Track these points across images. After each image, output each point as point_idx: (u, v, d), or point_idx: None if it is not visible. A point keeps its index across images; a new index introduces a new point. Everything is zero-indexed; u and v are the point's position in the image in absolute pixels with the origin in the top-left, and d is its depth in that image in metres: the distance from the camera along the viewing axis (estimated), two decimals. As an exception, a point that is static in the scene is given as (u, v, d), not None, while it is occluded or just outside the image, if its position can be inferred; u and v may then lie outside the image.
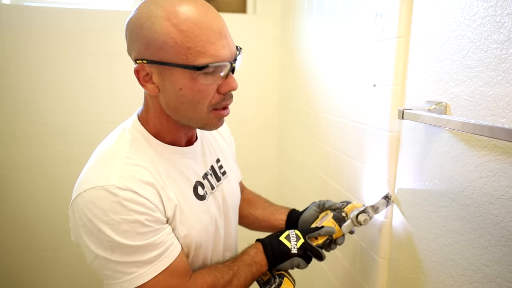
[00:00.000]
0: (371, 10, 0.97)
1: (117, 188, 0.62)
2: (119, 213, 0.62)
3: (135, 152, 0.69)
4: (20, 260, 1.86)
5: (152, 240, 0.65)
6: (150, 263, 0.65)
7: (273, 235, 0.83)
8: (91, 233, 0.63)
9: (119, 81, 1.80)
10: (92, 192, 0.62)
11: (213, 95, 0.67)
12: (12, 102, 1.72)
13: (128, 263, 0.63)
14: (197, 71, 0.62)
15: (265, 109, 2.02)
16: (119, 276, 0.64)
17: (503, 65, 0.58)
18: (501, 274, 0.60)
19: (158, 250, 0.65)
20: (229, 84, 0.67)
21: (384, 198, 0.88)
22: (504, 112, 0.58)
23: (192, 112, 0.68)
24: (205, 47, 0.61)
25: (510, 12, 0.56)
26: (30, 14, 1.67)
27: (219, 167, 0.88)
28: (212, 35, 0.62)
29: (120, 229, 0.62)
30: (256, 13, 1.93)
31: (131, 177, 0.65)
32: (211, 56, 0.62)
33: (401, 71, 0.86)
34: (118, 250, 0.63)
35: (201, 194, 0.77)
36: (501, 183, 0.59)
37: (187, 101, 0.66)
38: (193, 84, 0.64)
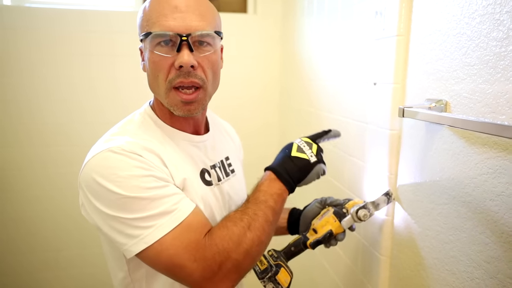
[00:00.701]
0: (371, 9, 0.97)
1: (122, 150, 0.65)
2: (125, 170, 0.63)
3: (144, 131, 0.73)
4: (24, 261, 1.87)
5: (164, 191, 0.65)
6: (169, 213, 0.64)
7: (280, 156, 0.78)
8: (100, 196, 0.64)
9: (122, 82, 1.81)
10: (99, 155, 0.65)
11: (170, 70, 0.68)
12: (15, 103, 1.73)
13: (146, 217, 0.63)
14: (150, 40, 0.68)
15: (266, 108, 2.03)
16: (140, 232, 0.62)
17: (502, 62, 0.58)
18: (502, 270, 0.60)
19: (173, 200, 0.65)
20: (179, 58, 0.67)
21: (385, 195, 0.88)
22: (504, 109, 0.58)
23: (157, 87, 0.71)
24: (158, 18, 0.67)
25: (509, 10, 0.57)
26: (32, 15, 1.68)
27: (228, 164, 0.88)
28: (166, 8, 0.67)
29: (129, 184, 0.62)
30: (256, 13, 1.93)
31: (136, 143, 0.67)
32: (160, 26, 0.67)
33: (402, 69, 0.86)
34: (131, 205, 0.62)
35: (208, 180, 0.77)
36: (501, 180, 0.59)
37: (150, 74, 0.71)
38: (151, 55, 0.69)
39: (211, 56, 0.70)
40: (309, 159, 0.75)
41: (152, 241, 0.62)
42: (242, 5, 1.99)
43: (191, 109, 0.71)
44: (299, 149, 0.75)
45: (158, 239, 0.62)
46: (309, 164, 0.75)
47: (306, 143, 0.77)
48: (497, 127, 0.53)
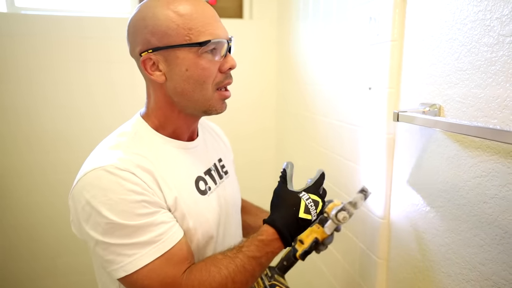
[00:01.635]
0: (365, 15, 0.99)
1: (116, 168, 0.64)
2: (117, 193, 0.63)
3: (136, 144, 0.72)
4: (24, 268, 1.86)
5: (152, 220, 0.64)
6: (151, 244, 0.64)
7: (289, 214, 0.72)
8: (90, 217, 0.64)
9: (119, 88, 1.81)
10: (91, 173, 0.65)
11: (216, 74, 0.72)
12: (13, 110, 1.73)
13: (129, 245, 0.63)
14: (200, 48, 0.68)
15: (263, 112, 2.04)
16: (121, 260, 0.63)
17: (493, 67, 0.60)
18: (497, 272, 0.61)
19: (158, 230, 0.65)
20: (229, 62, 0.73)
21: (361, 192, 0.88)
22: (495, 113, 0.59)
23: (198, 93, 0.71)
24: (204, 27, 0.69)
25: (498, 16, 0.58)
26: (28, 22, 1.69)
27: (221, 166, 0.89)
28: (208, 17, 0.70)
29: (118, 209, 0.63)
30: (252, 18, 1.95)
31: (130, 161, 0.67)
32: (210, 34, 0.69)
33: (396, 74, 0.87)
34: (117, 231, 0.63)
35: (203, 189, 0.78)
36: (494, 183, 0.60)
37: (193, 81, 0.70)
38: (198, 63, 0.69)
39: None
40: (311, 219, 0.73)
41: (131, 270, 0.63)
42: (238, 11, 2.01)
43: (226, 105, 0.77)
44: (307, 210, 0.72)
45: (137, 269, 0.63)
46: (310, 223, 0.74)
47: (314, 202, 0.73)
48: (489, 131, 0.54)
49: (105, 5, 1.88)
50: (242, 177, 1.10)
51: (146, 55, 0.69)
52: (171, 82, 0.71)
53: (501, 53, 0.58)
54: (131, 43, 0.72)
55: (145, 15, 0.69)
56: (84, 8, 1.85)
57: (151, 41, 0.68)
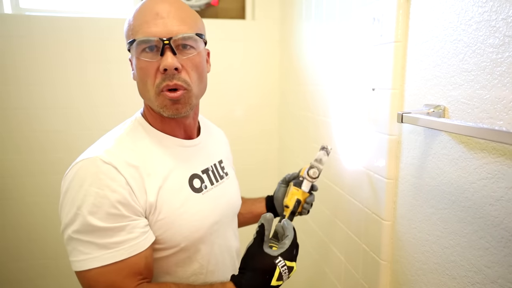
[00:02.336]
0: (368, 15, 0.98)
1: (100, 161, 0.66)
2: (93, 185, 0.64)
3: (130, 139, 0.74)
4: (25, 268, 1.87)
5: (116, 226, 0.65)
6: (106, 249, 0.64)
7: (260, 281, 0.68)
8: (66, 204, 0.66)
9: (118, 88, 1.82)
10: (79, 164, 0.67)
11: (156, 74, 0.70)
12: (13, 111, 1.74)
13: (85, 242, 0.64)
14: (135, 47, 0.69)
15: (266, 113, 2.04)
16: (76, 254, 0.65)
17: (499, 68, 0.59)
18: (503, 275, 0.60)
19: (118, 238, 0.64)
20: (162, 62, 0.68)
21: (322, 149, 1.00)
22: (501, 114, 0.59)
23: (146, 93, 0.72)
24: (140, 26, 0.69)
25: (504, 17, 0.58)
26: (32, 23, 1.69)
27: (222, 167, 0.89)
28: (148, 15, 0.69)
29: (89, 201, 0.63)
30: (255, 19, 1.94)
31: (117, 156, 0.68)
32: (142, 32, 0.69)
33: (400, 75, 0.87)
34: (80, 225, 0.64)
35: (197, 187, 0.78)
36: (500, 185, 0.60)
37: (139, 81, 0.73)
38: (138, 62, 0.71)
39: (195, 58, 0.72)
40: (282, 283, 0.70)
41: (80, 268, 0.64)
42: (240, 12, 2.01)
43: (178, 108, 0.71)
44: (280, 277, 0.68)
45: (85, 269, 0.64)
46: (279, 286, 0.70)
47: (288, 269, 0.70)
48: (495, 133, 0.54)
49: (107, 6, 1.88)
50: (244, 178, 1.11)
51: (129, 56, 0.76)
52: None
53: (507, 54, 0.57)
54: None
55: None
56: (85, 9, 1.86)
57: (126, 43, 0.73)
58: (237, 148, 1.07)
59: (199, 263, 0.78)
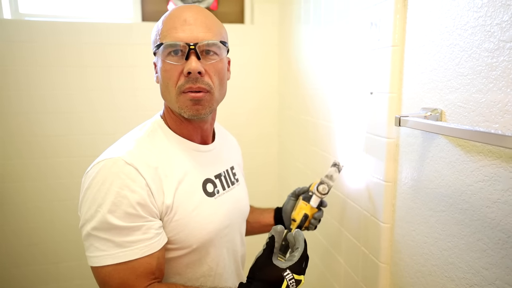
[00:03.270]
0: (366, 20, 0.99)
1: (122, 161, 0.68)
2: (114, 184, 0.66)
3: (150, 140, 0.77)
4: (25, 274, 1.86)
5: (132, 225, 0.66)
6: (121, 247, 0.66)
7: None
8: (87, 201, 0.68)
9: (118, 93, 1.82)
10: (102, 162, 0.69)
11: (179, 77, 0.73)
12: (14, 116, 1.75)
13: (102, 239, 0.66)
14: (162, 50, 0.73)
15: (265, 117, 2.04)
16: (92, 250, 0.67)
17: (494, 72, 0.60)
18: (500, 276, 0.61)
19: (134, 237, 0.67)
20: (187, 66, 0.72)
21: (333, 166, 0.99)
22: (497, 118, 0.60)
23: (168, 95, 0.75)
24: (168, 31, 0.73)
25: (499, 22, 0.59)
26: (32, 28, 1.70)
27: (233, 173, 0.91)
28: (176, 22, 0.73)
29: (109, 200, 0.65)
30: (253, 23, 1.96)
31: (139, 157, 0.71)
32: (170, 37, 0.72)
33: (397, 79, 0.88)
34: (98, 222, 0.66)
35: (210, 191, 0.80)
36: (497, 187, 0.60)
37: (162, 84, 0.75)
38: (162, 65, 0.74)
39: (217, 64, 0.75)
40: None
41: (96, 264, 0.67)
42: (239, 16, 2.02)
43: (199, 109, 0.74)
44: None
45: (101, 265, 0.66)
46: None
47: (296, 282, 0.69)
48: (490, 136, 0.55)
49: (110, 11, 1.89)
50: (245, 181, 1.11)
51: (154, 59, 0.80)
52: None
53: (502, 58, 0.58)
54: None
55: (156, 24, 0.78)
56: (86, 14, 1.87)
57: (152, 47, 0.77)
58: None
59: (209, 265, 0.80)
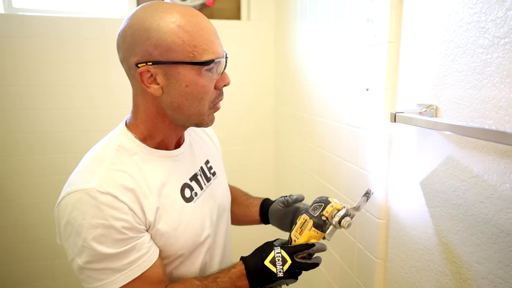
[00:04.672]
0: (362, 16, 1.00)
1: (97, 192, 0.65)
2: (96, 217, 0.64)
3: (120, 158, 0.71)
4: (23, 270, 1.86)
5: (126, 248, 0.66)
6: (121, 271, 0.66)
7: (258, 257, 0.77)
8: (69, 236, 0.66)
9: (118, 89, 1.81)
10: (74, 195, 0.66)
11: (212, 91, 0.73)
12: (12, 111, 1.74)
13: (99, 270, 0.65)
14: (203, 67, 0.69)
15: (261, 113, 2.04)
16: (90, 282, 0.66)
17: (488, 69, 0.60)
18: (493, 271, 0.61)
19: (130, 258, 0.67)
20: (225, 79, 0.74)
21: (365, 195, 0.80)
22: (491, 114, 0.60)
23: (195, 108, 0.72)
24: (208, 45, 0.69)
25: (493, 18, 0.59)
26: (25, 23, 1.69)
27: (209, 168, 0.90)
28: (211, 34, 0.70)
29: (95, 233, 0.64)
30: (250, 19, 1.95)
31: (113, 182, 0.67)
32: (213, 53, 0.69)
33: (393, 75, 0.88)
34: (90, 255, 0.65)
35: (188, 196, 0.79)
36: (490, 182, 0.61)
37: (192, 98, 0.71)
38: (199, 80, 0.69)
39: None
40: (276, 274, 0.76)
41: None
42: (235, 12, 2.01)
43: (214, 117, 0.78)
44: (272, 261, 0.76)
45: None
46: (274, 277, 0.76)
47: (282, 258, 0.76)
48: (484, 132, 0.55)
49: (102, 6, 1.88)
50: (240, 179, 1.11)
51: (145, 67, 0.67)
52: (168, 96, 0.70)
53: (496, 54, 0.59)
54: (125, 51, 0.69)
55: (148, 26, 0.66)
56: (81, 9, 1.85)
57: (153, 54, 0.66)
58: (233, 149, 1.06)
59: (198, 265, 0.80)
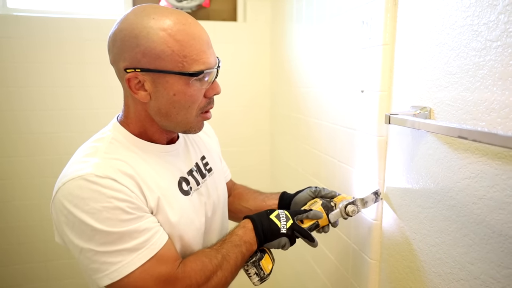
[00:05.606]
0: (357, 19, 1.00)
1: (95, 176, 0.64)
2: (99, 201, 0.63)
3: (114, 149, 0.71)
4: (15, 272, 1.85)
5: (136, 227, 0.65)
6: (137, 250, 0.65)
7: (262, 212, 0.82)
8: (73, 226, 0.64)
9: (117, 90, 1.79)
10: (71, 183, 0.64)
11: (201, 99, 0.73)
12: (11, 112, 1.73)
13: (114, 252, 0.64)
14: (192, 77, 0.68)
15: (257, 115, 2.05)
16: (106, 268, 0.64)
17: (481, 71, 0.61)
18: (485, 271, 0.62)
19: (143, 237, 0.66)
20: (215, 88, 0.75)
21: (374, 193, 0.90)
22: (483, 116, 0.61)
23: (182, 116, 0.72)
24: (199, 55, 0.68)
25: (486, 22, 0.60)
26: (20, 23, 1.68)
27: (204, 164, 0.90)
28: (203, 44, 0.69)
29: (102, 217, 0.63)
30: (246, 21, 1.96)
31: (110, 167, 0.66)
32: (204, 63, 0.69)
33: (388, 77, 0.89)
34: (102, 239, 0.63)
35: (186, 190, 0.79)
36: (483, 184, 0.62)
37: (179, 106, 0.71)
38: (187, 90, 0.69)
39: None
40: (280, 228, 0.80)
41: (116, 278, 0.64)
42: (231, 14, 2.02)
43: (204, 125, 0.79)
44: (277, 216, 0.81)
45: (123, 276, 0.64)
46: (278, 232, 0.79)
47: (286, 216, 0.82)
48: (477, 134, 0.56)
49: (97, 7, 1.87)
50: (236, 180, 1.11)
51: (133, 74, 0.67)
52: (156, 103, 0.70)
53: (488, 57, 0.59)
54: (115, 55, 0.69)
55: (138, 33, 0.65)
56: (75, 9, 1.85)
57: (141, 61, 0.66)
58: (229, 150, 1.07)
59: (203, 244, 0.82)
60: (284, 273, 1.79)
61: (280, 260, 1.90)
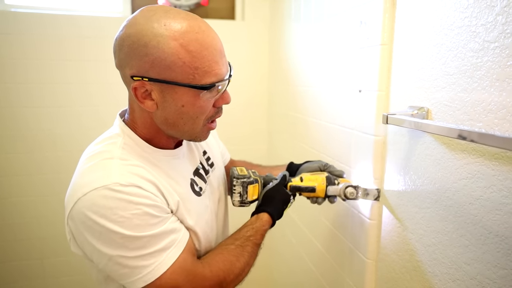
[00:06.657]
0: (356, 18, 1.00)
1: (120, 185, 0.62)
2: (127, 209, 0.62)
3: (128, 155, 0.69)
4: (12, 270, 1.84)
5: (164, 228, 0.66)
6: (166, 250, 0.66)
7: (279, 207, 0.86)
8: (100, 235, 0.62)
9: (116, 87, 1.79)
10: (94, 193, 0.62)
11: (210, 109, 0.71)
12: (9, 109, 1.72)
13: (145, 255, 0.64)
14: (203, 90, 0.66)
15: (255, 113, 2.04)
16: (140, 271, 0.64)
17: (478, 72, 0.61)
18: (481, 271, 0.62)
19: (171, 236, 0.67)
20: (225, 99, 0.72)
21: (376, 190, 0.92)
22: (481, 117, 0.61)
23: (189, 126, 0.71)
24: (211, 67, 0.65)
25: (483, 23, 0.60)
26: (18, 20, 1.67)
27: (206, 159, 0.91)
28: (216, 55, 0.66)
29: (132, 224, 0.62)
30: (244, 20, 1.95)
31: (132, 174, 0.65)
32: (216, 75, 0.66)
33: (385, 77, 0.89)
34: (132, 244, 0.63)
35: (197, 191, 0.80)
36: (479, 184, 0.62)
37: (187, 117, 0.69)
38: (196, 101, 0.67)
39: None
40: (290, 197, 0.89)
41: (151, 279, 0.64)
42: (230, 12, 2.01)
43: (209, 133, 0.78)
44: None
45: (157, 277, 0.64)
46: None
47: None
48: (474, 134, 0.56)
49: (94, 4, 1.86)
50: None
51: (140, 82, 0.64)
52: (163, 113, 0.68)
53: (486, 58, 0.60)
54: (121, 60, 0.66)
55: (148, 41, 0.61)
56: (74, 6, 1.84)
57: (150, 71, 0.63)
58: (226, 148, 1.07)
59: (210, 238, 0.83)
60: (280, 271, 1.80)
61: (276, 259, 1.90)
